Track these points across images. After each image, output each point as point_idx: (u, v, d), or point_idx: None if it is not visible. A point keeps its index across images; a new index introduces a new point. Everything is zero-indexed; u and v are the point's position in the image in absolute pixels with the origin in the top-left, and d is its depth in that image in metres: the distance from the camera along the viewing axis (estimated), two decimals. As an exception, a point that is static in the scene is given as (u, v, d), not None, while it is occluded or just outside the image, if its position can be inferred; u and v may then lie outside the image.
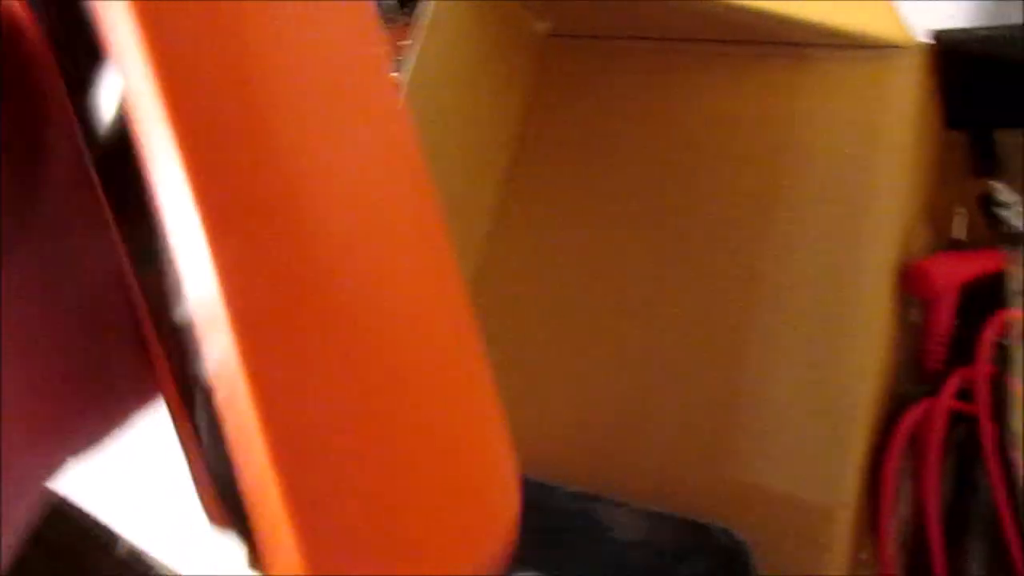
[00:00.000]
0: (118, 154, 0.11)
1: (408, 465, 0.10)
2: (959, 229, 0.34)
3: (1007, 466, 0.29)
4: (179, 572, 0.49)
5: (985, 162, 0.37)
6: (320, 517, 0.09)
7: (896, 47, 0.30)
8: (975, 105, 0.36)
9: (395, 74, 0.33)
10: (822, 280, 0.29)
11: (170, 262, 0.10)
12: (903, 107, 0.30)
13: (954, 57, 0.31)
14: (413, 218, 0.12)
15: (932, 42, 0.30)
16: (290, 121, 0.10)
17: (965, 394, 0.31)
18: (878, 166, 0.29)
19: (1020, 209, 0.33)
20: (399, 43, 0.33)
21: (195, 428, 0.12)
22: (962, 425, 0.31)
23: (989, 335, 0.31)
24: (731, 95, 0.32)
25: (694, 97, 0.33)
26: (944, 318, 0.32)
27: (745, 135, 0.32)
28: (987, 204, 0.34)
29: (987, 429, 0.29)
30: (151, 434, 0.15)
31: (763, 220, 0.30)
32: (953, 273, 0.31)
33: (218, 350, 0.09)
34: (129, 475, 0.48)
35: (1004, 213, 0.33)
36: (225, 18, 0.10)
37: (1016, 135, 0.37)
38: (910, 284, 0.30)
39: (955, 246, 0.34)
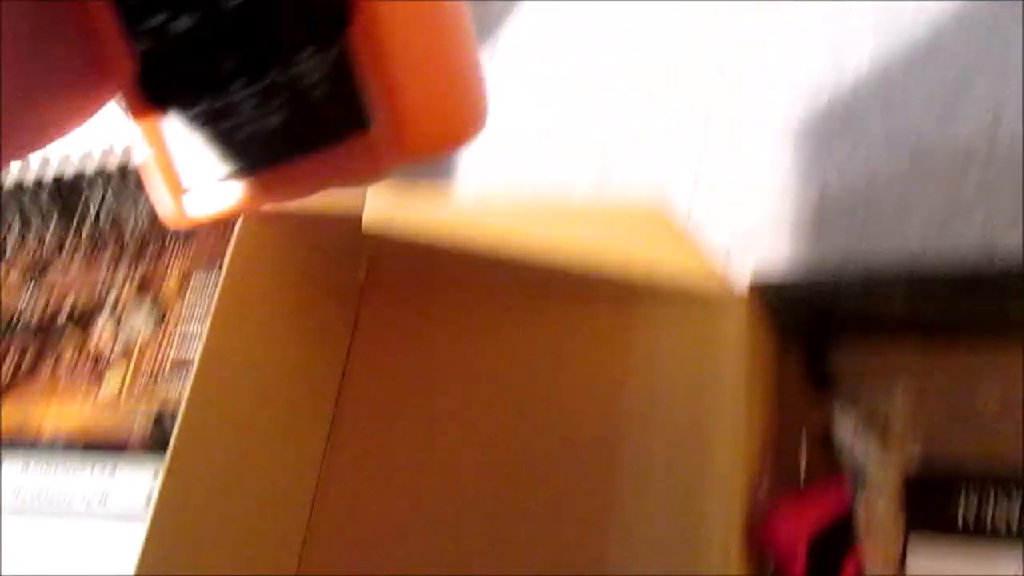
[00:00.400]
0: None
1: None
2: (802, 466, 0.33)
3: None
4: None
5: (820, 380, 0.37)
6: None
7: (721, 299, 0.29)
8: (807, 318, 0.37)
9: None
10: (669, 547, 0.27)
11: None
12: (735, 357, 0.29)
13: (775, 301, 0.31)
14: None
15: (754, 289, 0.30)
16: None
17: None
18: (713, 423, 0.28)
19: (859, 442, 0.33)
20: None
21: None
22: None
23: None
24: (558, 349, 0.31)
25: (520, 351, 0.31)
26: (797, 571, 0.30)
27: (575, 392, 0.30)
28: (827, 438, 0.33)
29: None
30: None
31: (601, 493, 0.28)
32: (799, 527, 0.30)
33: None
34: None
35: (844, 447, 0.33)
36: None
37: (849, 353, 0.37)
38: (757, 545, 0.29)
39: (801, 485, 0.33)
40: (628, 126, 0.45)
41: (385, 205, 0.30)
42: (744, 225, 0.41)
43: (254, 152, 0.19)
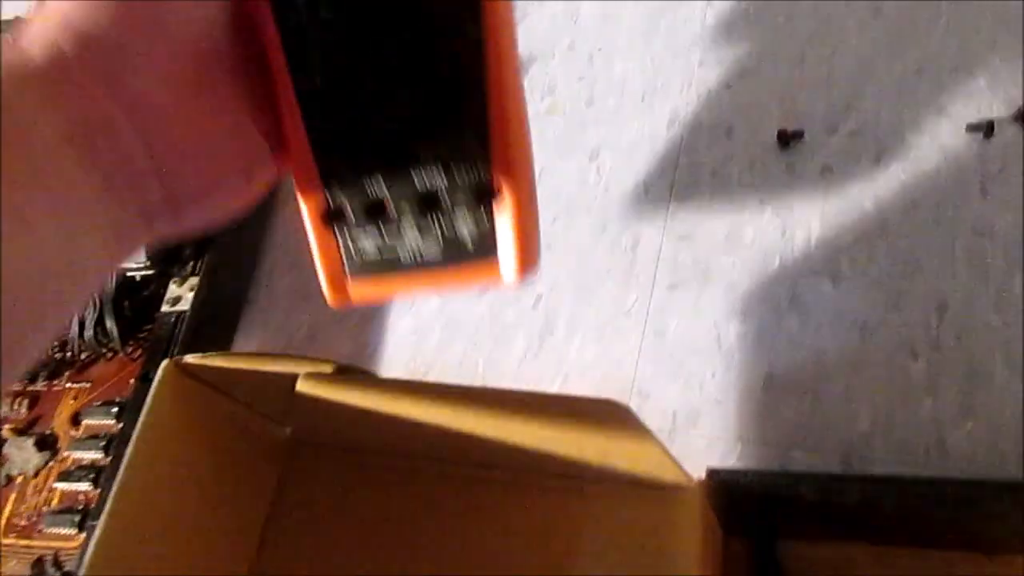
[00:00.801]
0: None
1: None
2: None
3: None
4: None
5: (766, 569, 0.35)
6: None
7: (674, 486, 0.27)
8: (755, 518, 0.35)
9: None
10: None
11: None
12: (688, 545, 0.27)
13: (726, 492, 0.29)
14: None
15: (707, 479, 0.28)
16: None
17: None
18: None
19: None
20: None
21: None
22: None
23: None
24: (496, 525, 0.28)
25: (455, 522, 0.29)
26: None
27: (517, 567, 0.27)
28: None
29: None
30: None
31: None
32: None
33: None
34: None
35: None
36: None
37: (798, 546, 0.35)
38: None
39: None
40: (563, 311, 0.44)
41: (320, 373, 0.27)
42: (689, 404, 0.39)
43: (412, 255, 0.26)
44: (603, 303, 0.43)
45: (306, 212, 0.30)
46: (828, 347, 0.39)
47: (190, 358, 0.28)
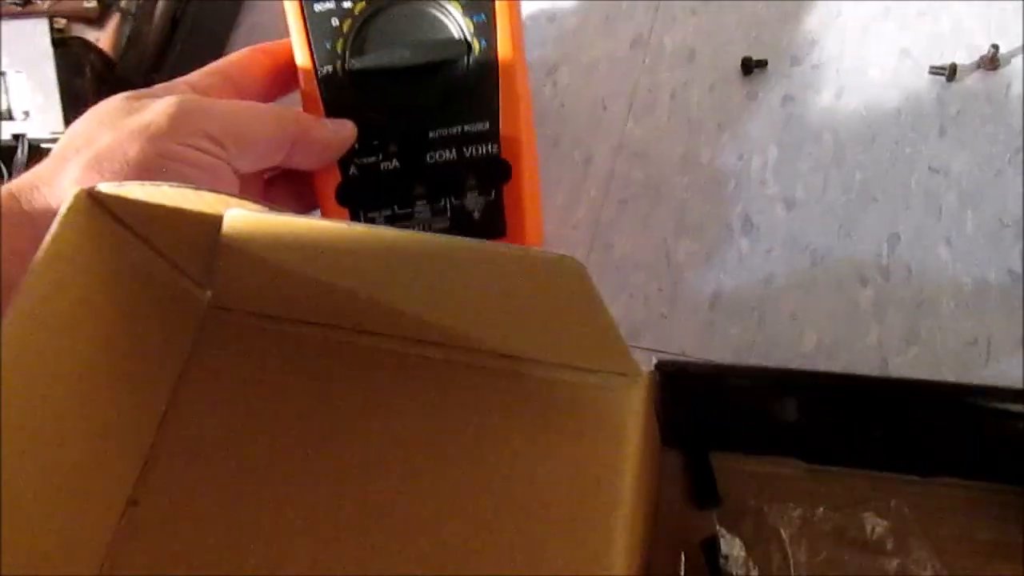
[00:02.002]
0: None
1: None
2: (679, 581, 0.29)
3: None
4: None
5: (703, 489, 0.34)
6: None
7: (620, 374, 0.26)
8: (692, 428, 0.33)
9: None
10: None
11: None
12: (629, 436, 0.25)
13: (673, 384, 0.28)
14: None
15: (654, 370, 0.27)
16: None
17: None
18: (599, 513, 0.24)
19: (742, 560, 0.29)
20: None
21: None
22: None
23: None
24: (429, 406, 0.26)
25: (379, 402, 0.26)
26: None
27: (446, 457, 0.25)
28: (710, 553, 0.30)
29: None
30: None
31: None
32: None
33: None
34: None
35: (727, 566, 0.29)
36: None
37: (732, 459, 0.34)
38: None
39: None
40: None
41: (250, 217, 0.24)
42: (634, 317, 0.38)
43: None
44: (551, 214, 0.41)
45: (320, 189, 0.35)
46: (778, 271, 0.38)
47: (105, 187, 0.25)
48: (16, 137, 0.41)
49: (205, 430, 0.28)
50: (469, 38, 0.35)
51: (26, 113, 0.41)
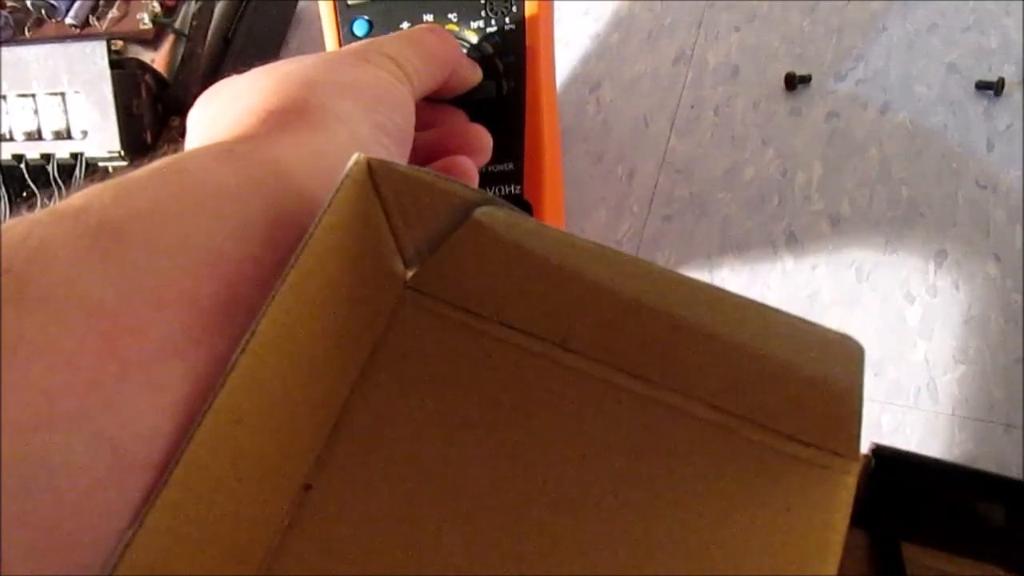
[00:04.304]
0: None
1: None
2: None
3: None
4: None
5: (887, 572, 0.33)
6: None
7: (837, 453, 0.24)
8: (886, 512, 0.32)
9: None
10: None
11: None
12: (838, 521, 0.24)
13: (886, 471, 0.27)
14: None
15: (871, 455, 0.26)
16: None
17: None
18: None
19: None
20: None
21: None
22: None
23: None
24: (626, 444, 0.25)
25: (575, 425, 0.26)
26: None
27: (639, 503, 0.24)
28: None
29: None
30: None
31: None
32: None
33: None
34: None
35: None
36: None
37: (923, 553, 0.33)
38: None
39: None
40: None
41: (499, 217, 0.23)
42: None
43: None
44: (596, 230, 0.41)
45: None
46: (823, 287, 0.38)
47: (378, 161, 0.23)
48: (75, 156, 0.42)
49: (386, 421, 0.26)
50: (499, 80, 0.35)
51: (84, 132, 0.42)
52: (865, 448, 0.26)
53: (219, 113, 0.25)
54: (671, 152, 0.43)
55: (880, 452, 0.27)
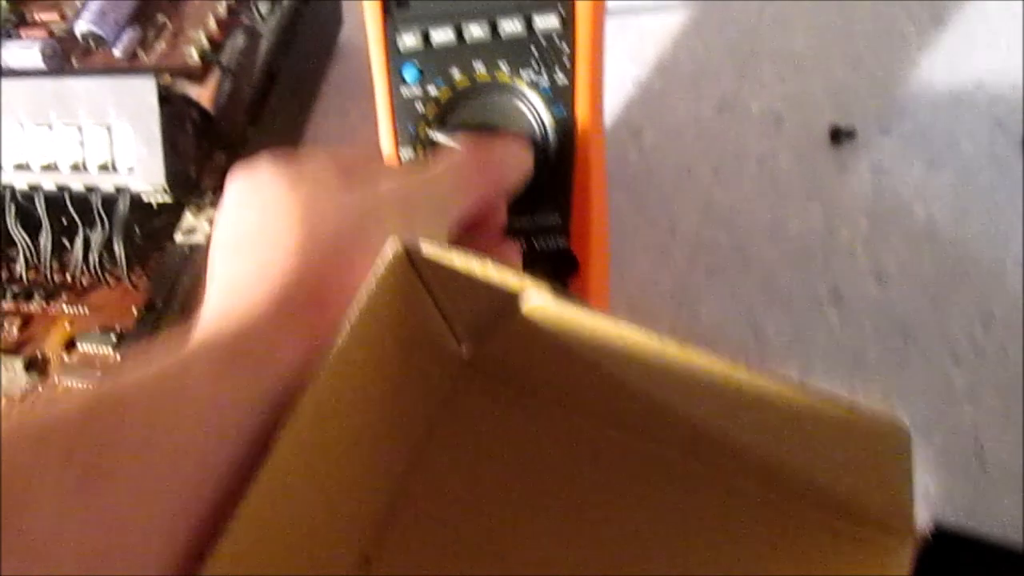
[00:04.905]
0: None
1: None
2: None
3: None
4: None
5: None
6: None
7: (890, 531, 0.24)
8: None
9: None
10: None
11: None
12: None
13: (942, 548, 0.27)
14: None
15: (927, 535, 0.26)
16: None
17: None
18: None
19: None
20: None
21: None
22: None
23: None
24: (679, 519, 0.25)
25: (629, 502, 0.26)
26: None
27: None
28: None
29: None
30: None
31: None
32: None
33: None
34: None
35: None
36: None
37: None
38: None
39: None
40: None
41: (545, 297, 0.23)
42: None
43: None
44: (637, 279, 0.41)
45: None
46: (869, 347, 0.38)
47: (422, 245, 0.23)
48: (119, 190, 0.42)
49: (442, 493, 0.27)
50: (548, 131, 0.35)
51: (130, 167, 0.42)
52: (921, 519, 0.25)
53: (240, 256, 0.24)
54: (714, 203, 0.43)
55: (937, 529, 0.27)
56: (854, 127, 0.43)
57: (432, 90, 0.37)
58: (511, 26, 0.37)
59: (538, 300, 0.23)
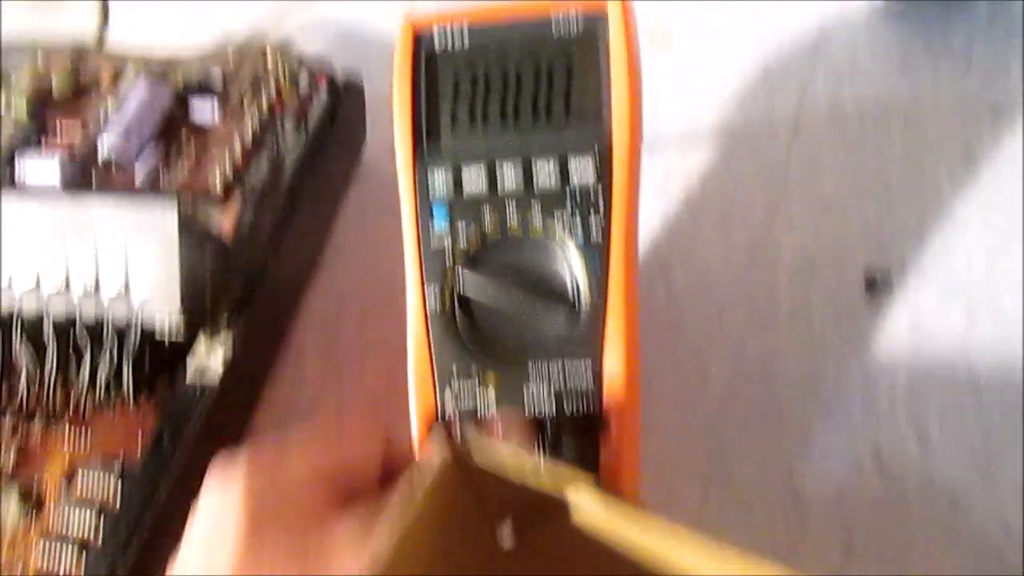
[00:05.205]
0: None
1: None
2: None
3: None
4: None
5: None
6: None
7: None
8: None
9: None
10: None
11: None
12: None
13: None
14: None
15: None
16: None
17: None
18: None
19: None
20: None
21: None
22: None
23: None
24: None
25: None
26: None
27: None
28: None
29: None
30: None
31: None
32: None
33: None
34: None
35: None
36: None
37: None
38: None
39: None
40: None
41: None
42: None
43: None
44: (667, 432, 0.39)
45: (415, 415, 0.35)
46: (914, 515, 0.36)
47: (473, 455, 0.24)
48: (131, 318, 0.41)
49: None
50: (580, 286, 0.34)
51: (143, 295, 0.41)
52: None
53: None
54: (747, 351, 0.41)
55: None
56: (890, 275, 0.42)
57: (461, 239, 0.36)
58: (545, 176, 0.36)
59: (588, 507, 0.22)
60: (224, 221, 0.43)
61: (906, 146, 0.46)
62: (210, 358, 0.42)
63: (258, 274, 0.43)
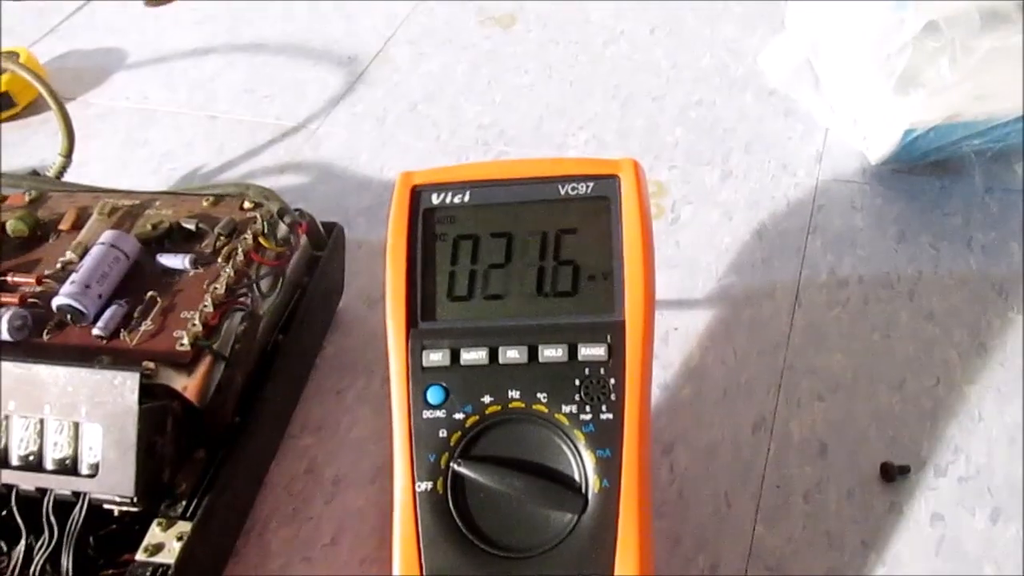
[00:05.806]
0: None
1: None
2: None
3: None
4: None
5: None
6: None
7: None
8: None
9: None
10: None
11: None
12: None
13: None
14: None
15: None
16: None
17: None
18: None
19: None
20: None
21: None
22: None
23: None
24: None
25: None
26: None
27: None
28: None
29: None
30: None
31: None
32: None
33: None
34: None
35: None
36: None
37: None
38: None
39: None
40: None
41: None
42: None
43: None
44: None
45: None
46: None
47: None
48: (77, 495, 0.36)
49: None
50: (588, 473, 0.31)
51: (94, 469, 0.36)
52: None
53: None
54: (758, 544, 0.38)
55: None
56: (908, 465, 0.39)
57: (458, 415, 0.33)
58: (552, 352, 0.33)
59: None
60: (190, 385, 0.39)
61: (914, 326, 0.45)
62: (167, 533, 0.37)
63: (224, 441, 0.39)
